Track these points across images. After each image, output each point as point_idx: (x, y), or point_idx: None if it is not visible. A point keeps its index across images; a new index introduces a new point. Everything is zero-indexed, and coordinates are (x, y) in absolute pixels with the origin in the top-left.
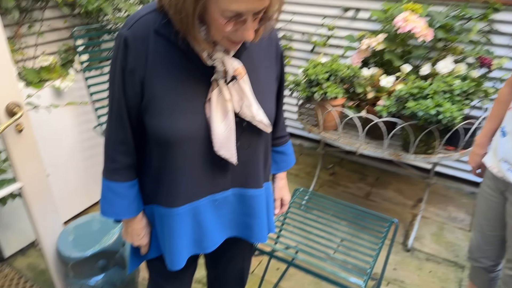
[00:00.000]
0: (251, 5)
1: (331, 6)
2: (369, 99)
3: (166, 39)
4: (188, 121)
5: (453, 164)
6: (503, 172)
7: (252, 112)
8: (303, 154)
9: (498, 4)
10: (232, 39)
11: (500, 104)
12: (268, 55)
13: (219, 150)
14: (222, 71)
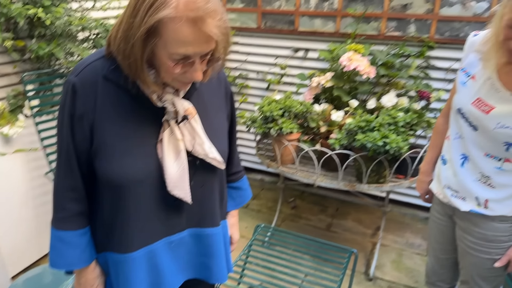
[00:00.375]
0: (198, 48)
1: (283, 47)
2: (322, 132)
3: (115, 84)
4: (140, 163)
5: (406, 191)
6: (448, 198)
7: (205, 150)
8: (264, 189)
9: (432, 43)
10: (181, 81)
11: (437, 134)
12: (218, 95)
13: (173, 190)
14: (172, 111)
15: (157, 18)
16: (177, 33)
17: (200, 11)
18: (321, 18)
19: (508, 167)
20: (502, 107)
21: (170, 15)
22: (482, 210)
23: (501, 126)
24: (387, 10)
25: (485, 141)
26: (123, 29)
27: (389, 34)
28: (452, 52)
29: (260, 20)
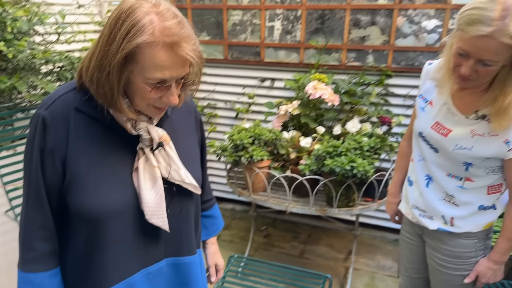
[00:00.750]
0: (175, 72)
1: (250, 77)
2: (292, 159)
3: (88, 115)
4: (116, 194)
5: (374, 214)
6: (416, 218)
7: (181, 175)
8: (236, 218)
9: (389, 72)
10: (157, 106)
11: (402, 157)
12: (188, 122)
13: (151, 218)
14: (148, 139)
15: (135, 44)
16: (154, 58)
17: (175, 36)
18: (285, 49)
19: (469, 185)
20: (458, 130)
21: (148, 40)
22: (448, 227)
23: (459, 147)
24: (346, 42)
25: (446, 162)
26: (97, 58)
27: (349, 64)
28: (409, 80)
29: (227, 52)
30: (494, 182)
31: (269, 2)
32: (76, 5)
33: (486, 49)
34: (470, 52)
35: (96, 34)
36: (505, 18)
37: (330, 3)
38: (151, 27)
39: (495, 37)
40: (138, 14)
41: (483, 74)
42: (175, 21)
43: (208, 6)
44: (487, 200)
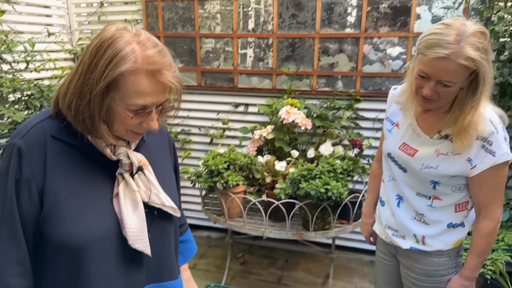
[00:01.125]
0: (156, 99)
1: (224, 103)
2: (267, 183)
3: (65, 143)
4: (98, 220)
5: (350, 236)
6: (390, 238)
7: (161, 199)
8: (211, 246)
9: (358, 96)
10: (136, 131)
11: (373, 178)
12: (163, 147)
13: (134, 243)
14: (127, 163)
15: (118, 72)
16: (136, 85)
17: (157, 64)
18: (258, 75)
19: (438, 204)
20: (424, 150)
21: (131, 68)
22: (420, 246)
23: (425, 166)
24: (316, 68)
25: (414, 181)
26: (76, 85)
27: (320, 89)
28: (377, 104)
29: (200, 79)
30: (461, 200)
31: (241, 31)
32: (46, 34)
33: (445, 70)
34: (430, 74)
35: (66, 62)
36: (460, 42)
37: (300, 32)
38: (133, 56)
39: (452, 58)
40: (120, 43)
41: (443, 95)
42: (156, 50)
43: (181, 34)
44: (456, 218)
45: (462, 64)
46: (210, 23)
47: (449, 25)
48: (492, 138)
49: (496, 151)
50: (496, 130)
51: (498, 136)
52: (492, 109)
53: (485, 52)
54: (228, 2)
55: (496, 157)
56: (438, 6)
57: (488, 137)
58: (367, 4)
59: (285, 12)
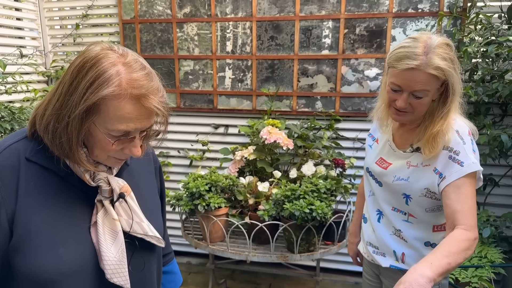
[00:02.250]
0: (140, 124)
1: (203, 124)
2: (250, 205)
3: (40, 166)
4: (73, 252)
5: (334, 257)
6: (371, 255)
7: (144, 228)
8: (192, 272)
9: (338, 116)
10: (118, 157)
11: (360, 196)
12: (148, 171)
13: (112, 278)
14: (107, 190)
15: (100, 96)
16: (119, 110)
17: (143, 89)
18: (238, 97)
19: (414, 220)
20: (396, 163)
21: (114, 92)
22: (400, 265)
23: (397, 178)
24: (296, 89)
25: (389, 195)
26: (54, 107)
27: (300, 110)
28: (356, 123)
29: (179, 100)
30: (438, 222)
31: (220, 53)
32: (18, 55)
33: (416, 80)
34: (402, 85)
35: (40, 84)
36: (428, 53)
37: (279, 54)
38: (117, 79)
39: (421, 69)
40: (104, 64)
41: (416, 107)
42: (143, 72)
43: (159, 56)
44: (433, 237)
45: (432, 74)
46: (189, 45)
47: (416, 38)
48: (458, 148)
49: (464, 161)
50: (463, 140)
51: (465, 146)
52: (462, 122)
53: (452, 62)
54: (207, 24)
55: (464, 167)
56: (412, 28)
57: (454, 147)
58: (344, 27)
59: (264, 34)
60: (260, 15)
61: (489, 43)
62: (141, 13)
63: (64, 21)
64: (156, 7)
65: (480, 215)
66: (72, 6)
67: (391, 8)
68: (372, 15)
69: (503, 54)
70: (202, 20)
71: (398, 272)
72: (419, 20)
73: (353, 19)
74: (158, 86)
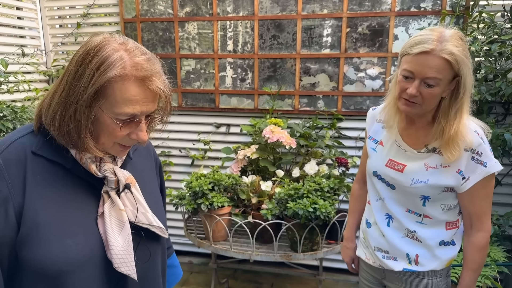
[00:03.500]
0: (145, 107)
1: (205, 124)
2: (253, 204)
3: (47, 159)
4: (82, 243)
5: (336, 257)
6: (379, 261)
7: (149, 218)
8: (193, 272)
9: (340, 115)
10: (124, 144)
11: (355, 200)
12: (149, 166)
13: (120, 267)
14: (114, 180)
15: (106, 78)
16: (125, 92)
17: (146, 71)
18: (239, 96)
19: (428, 221)
20: (412, 164)
21: (120, 74)
22: (413, 267)
23: (416, 181)
24: (298, 88)
25: (404, 197)
26: (61, 95)
27: (302, 109)
28: (358, 122)
29: (181, 99)
30: (452, 218)
31: (222, 52)
32: (19, 54)
33: (429, 66)
34: (415, 71)
35: (41, 83)
36: (442, 41)
37: (281, 53)
38: (121, 62)
39: (436, 53)
40: (108, 50)
41: (426, 97)
42: (144, 57)
43: (161, 55)
44: (447, 235)
45: (446, 59)
46: (190, 44)
47: (431, 29)
48: (480, 149)
49: (487, 162)
50: (483, 141)
51: (486, 146)
52: (474, 122)
53: (465, 54)
54: (208, 23)
55: (487, 167)
56: (414, 27)
57: (477, 148)
58: (346, 26)
59: (266, 33)
60: (262, 14)
61: (492, 42)
62: (143, 12)
63: (65, 20)
64: (158, 6)
65: None
66: (72, 5)
67: (393, 7)
68: (374, 14)
69: (506, 52)
70: (203, 19)
71: (410, 275)
72: (422, 19)
73: (355, 18)
74: (159, 70)
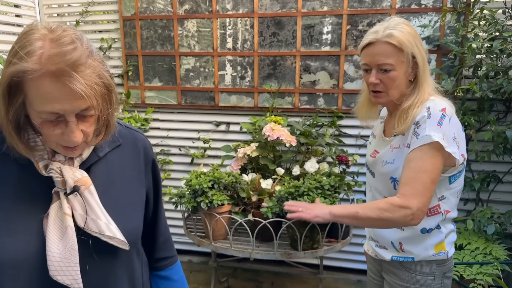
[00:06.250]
0: (68, 106)
1: (204, 122)
2: (253, 202)
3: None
4: (20, 241)
5: (336, 255)
6: (375, 250)
7: (100, 226)
8: (193, 271)
9: (340, 113)
10: (62, 144)
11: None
12: (132, 166)
13: (56, 275)
14: (60, 181)
15: (15, 71)
16: (38, 89)
17: (62, 63)
18: (239, 94)
19: None
20: (383, 149)
21: (28, 68)
22: (401, 255)
23: (385, 163)
24: (298, 86)
25: (380, 183)
26: None
27: (302, 107)
28: (359, 121)
29: (180, 97)
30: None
31: (221, 49)
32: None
33: (377, 53)
34: (368, 62)
35: None
36: (386, 29)
37: (281, 50)
38: (38, 53)
39: (379, 39)
40: (29, 39)
41: (386, 82)
42: (70, 47)
43: (160, 53)
44: (428, 222)
45: (389, 43)
46: (190, 42)
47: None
48: (421, 121)
49: (420, 133)
50: (428, 114)
51: (429, 120)
52: (439, 100)
53: (409, 34)
54: (208, 20)
55: (418, 139)
56: (415, 24)
57: (419, 120)
58: (347, 23)
59: (265, 31)
60: (262, 11)
61: (493, 39)
62: (142, 9)
63: (64, 18)
64: (157, 3)
65: (484, 212)
66: (71, 3)
67: (394, 4)
68: (375, 11)
69: (508, 49)
70: (203, 17)
71: (400, 267)
72: (423, 16)
73: (355, 15)
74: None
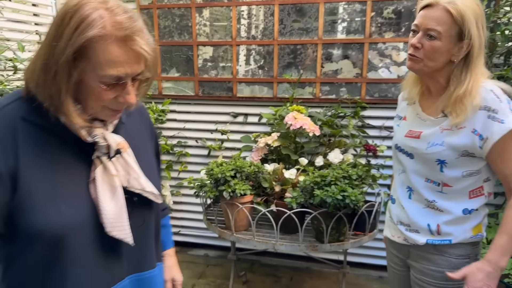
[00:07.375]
0: (130, 69)
1: (222, 113)
2: (276, 192)
3: (37, 125)
4: (74, 208)
5: (358, 251)
6: (403, 235)
7: (142, 184)
8: (210, 265)
9: (364, 103)
10: (113, 108)
11: None
12: (143, 130)
13: (112, 231)
14: (104, 146)
15: (85, 38)
16: (107, 53)
17: (128, 30)
18: (258, 84)
19: (448, 190)
20: (428, 130)
21: (99, 34)
22: (437, 238)
23: (431, 144)
24: (319, 75)
25: (422, 165)
26: (42, 58)
27: (323, 97)
28: (383, 111)
29: (198, 88)
30: (474, 186)
31: (240, 38)
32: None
33: (431, 17)
34: (418, 23)
35: None
36: None
37: (302, 38)
38: (101, 22)
39: (440, 3)
40: (87, 9)
41: (428, 49)
42: (126, 15)
43: (178, 42)
44: (471, 204)
45: (448, 11)
46: (208, 31)
47: None
48: (496, 107)
49: (504, 119)
50: (499, 99)
51: (502, 105)
52: (495, 84)
53: (474, 14)
54: (227, 8)
55: (505, 123)
56: None
57: (492, 105)
58: (371, 10)
59: (286, 18)
60: None
61: None
62: None
63: None
64: None
65: None
66: None
67: None
68: None
69: None
70: (222, 5)
71: (435, 252)
72: None
73: (380, 1)
74: (142, 28)
